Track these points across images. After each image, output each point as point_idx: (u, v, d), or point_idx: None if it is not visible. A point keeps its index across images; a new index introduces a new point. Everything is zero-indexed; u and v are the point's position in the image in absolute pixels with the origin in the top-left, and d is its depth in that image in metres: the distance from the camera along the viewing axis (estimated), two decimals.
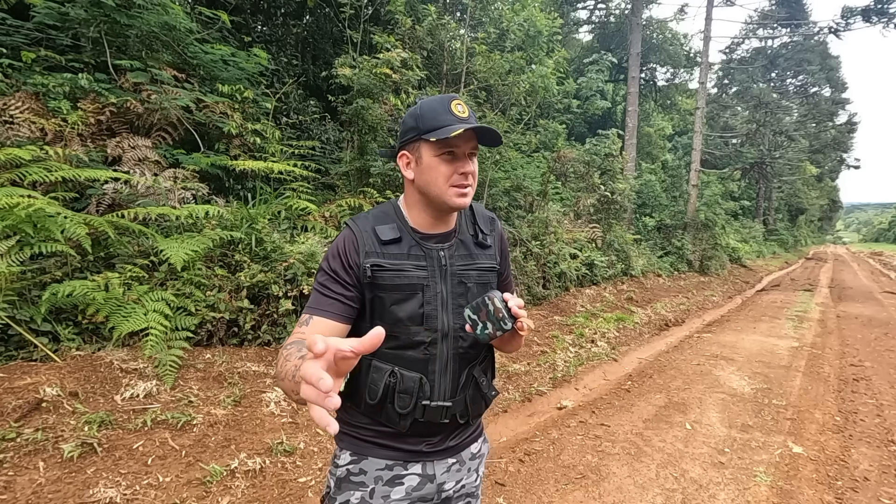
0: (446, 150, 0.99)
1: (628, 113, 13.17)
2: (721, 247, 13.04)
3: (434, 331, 1.03)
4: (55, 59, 3.80)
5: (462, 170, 1.00)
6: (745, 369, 4.61)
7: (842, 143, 26.54)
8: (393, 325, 1.01)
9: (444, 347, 1.04)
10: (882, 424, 3.39)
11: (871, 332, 6.47)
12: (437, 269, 1.05)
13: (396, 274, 1.02)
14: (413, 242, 1.05)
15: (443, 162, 0.99)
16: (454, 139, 0.97)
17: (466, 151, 1.01)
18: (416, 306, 1.02)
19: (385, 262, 1.02)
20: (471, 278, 1.08)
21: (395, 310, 1.02)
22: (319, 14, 6.96)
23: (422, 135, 0.99)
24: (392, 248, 1.03)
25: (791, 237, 29.61)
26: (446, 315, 1.04)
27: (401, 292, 1.02)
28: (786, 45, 22.23)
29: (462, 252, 1.10)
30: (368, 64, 5.27)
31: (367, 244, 1.03)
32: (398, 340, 1.02)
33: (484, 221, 1.17)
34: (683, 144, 19.98)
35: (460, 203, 1.02)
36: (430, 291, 1.03)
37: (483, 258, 1.12)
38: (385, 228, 1.05)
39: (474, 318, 0.94)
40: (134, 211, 3.11)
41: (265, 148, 4.72)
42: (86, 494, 1.87)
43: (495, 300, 0.91)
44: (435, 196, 1.02)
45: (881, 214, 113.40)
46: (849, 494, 2.49)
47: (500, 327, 0.91)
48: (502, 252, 1.19)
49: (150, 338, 2.62)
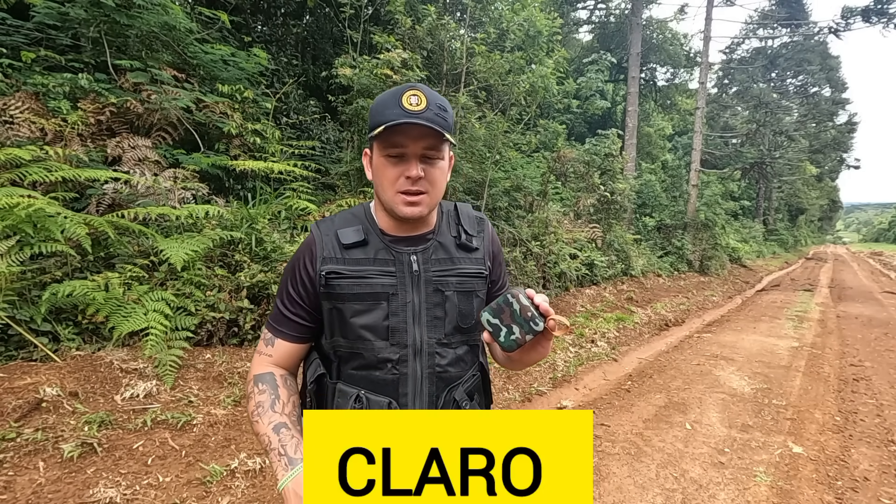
0: (391, 149, 0.87)
1: (628, 113, 13.17)
2: (721, 247, 13.03)
3: (403, 346, 0.91)
4: (55, 59, 3.80)
5: (407, 174, 0.87)
6: (745, 369, 4.61)
7: (842, 143, 26.53)
8: (355, 341, 0.91)
9: (417, 366, 0.92)
10: (882, 424, 3.39)
11: (871, 332, 6.47)
12: (407, 276, 0.93)
13: (356, 282, 0.91)
14: (381, 245, 0.94)
15: (388, 163, 0.88)
16: (397, 136, 0.85)
17: (418, 152, 0.87)
18: (379, 318, 0.91)
19: (343, 268, 0.91)
20: (449, 286, 0.95)
21: (355, 322, 0.90)
22: (319, 14, 6.96)
23: (369, 132, 0.90)
24: (355, 253, 0.93)
25: (791, 237, 29.61)
26: (418, 328, 0.92)
27: (361, 302, 0.91)
28: (786, 45, 22.22)
29: (440, 256, 0.97)
30: (369, 64, 5.27)
31: (325, 249, 0.93)
32: (363, 359, 0.91)
33: (469, 222, 1.03)
34: (683, 144, 19.98)
35: (408, 213, 0.89)
36: (397, 301, 0.91)
37: (467, 263, 0.98)
38: (349, 231, 0.94)
39: (496, 323, 0.80)
40: (134, 211, 3.11)
41: (265, 148, 4.72)
42: (86, 494, 1.87)
43: (520, 297, 0.78)
44: (385, 202, 0.91)
45: (881, 214, 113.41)
46: (849, 494, 2.49)
47: (531, 329, 0.78)
48: (494, 257, 1.05)
49: (150, 338, 2.62)
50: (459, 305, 0.96)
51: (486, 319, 0.81)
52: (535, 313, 0.78)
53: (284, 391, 0.94)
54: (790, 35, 20.98)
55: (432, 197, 0.91)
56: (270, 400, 0.92)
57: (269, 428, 0.88)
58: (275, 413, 0.90)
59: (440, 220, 1.01)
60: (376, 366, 0.91)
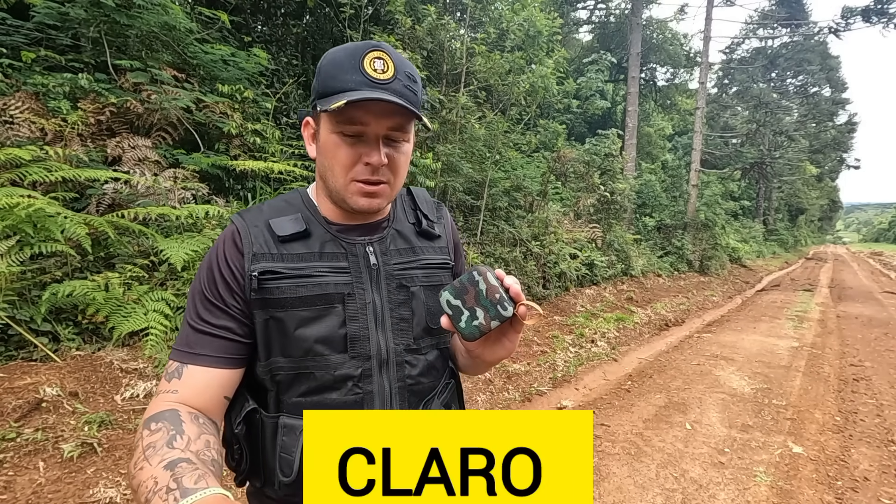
0: (346, 126, 0.69)
1: (628, 113, 13.17)
2: (721, 247, 13.04)
3: (365, 358, 0.74)
4: (55, 58, 3.80)
5: (367, 158, 0.70)
6: (745, 369, 4.61)
7: (842, 143, 26.54)
8: (302, 358, 0.72)
9: (384, 380, 0.75)
10: (882, 424, 3.39)
11: (871, 332, 6.47)
12: (364, 271, 0.76)
13: (299, 282, 0.72)
14: (328, 237, 0.76)
15: (342, 143, 0.70)
16: (357, 111, 0.67)
17: (381, 133, 0.70)
18: (334, 325, 0.72)
19: (281, 266, 0.72)
20: (415, 280, 0.80)
21: (302, 335, 0.71)
22: (319, 14, 6.96)
23: (317, 99, 0.71)
24: (295, 247, 0.74)
25: (791, 237, 29.61)
26: (382, 334, 0.75)
27: (309, 307, 0.72)
28: (786, 45, 22.23)
29: (400, 245, 0.81)
30: None
31: (255, 244, 0.73)
32: (314, 380, 0.72)
33: (428, 207, 0.89)
34: (683, 144, 19.98)
35: (364, 206, 0.73)
36: (354, 303, 0.74)
37: (430, 252, 0.84)
38: (284, 221, 0.75)
39: (457, 305, 0.67)
40: (134, 211, 3.11)
41: (265, 148, 4.72)
42: (86, 494, 1.87)
43: (488, 276, 0.66)
44: (333, 189, 0.74)
45: (881, 214, 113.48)
46: (849, 494, 2.49)
47: (497, 314, 0.66)
48: (455, 247, 0.91)
49: (150, 338, 2.62)
50: (427, 303, 0.80)
51: (445, 300, 0.68)
52: (504, 295, 0.66)
53: (193, 427, 0.63)
54: (790, 35, 20.99)
55: (393, 188, 0.76)
56: (167, 437, 0.60)
57: (157, 468, 0.56)
58: (172, 450, 0.59)
59: (394, 205, 0.86)
60: (332, 386, 0.72)
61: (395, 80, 0.69)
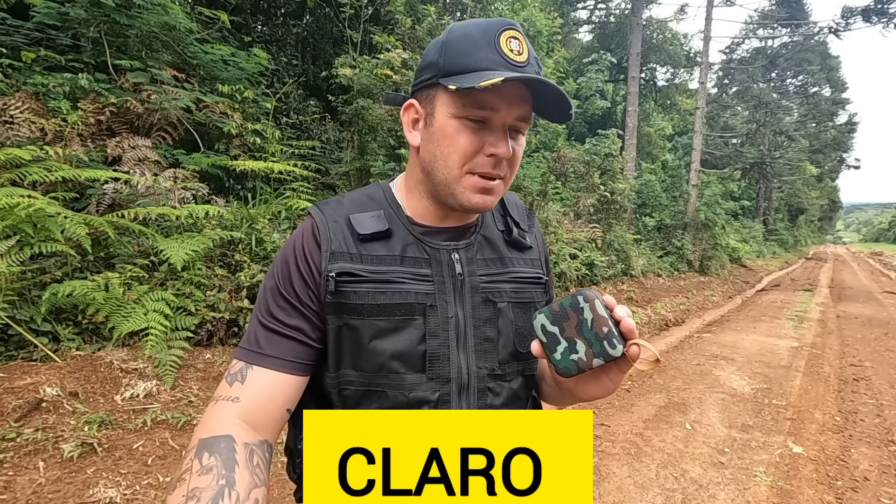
0: (473, 111, 0.61)
1: (628, 113, 13.17)
2: (721, 247, 13.04)
3: (445, 381, 0.65)
4: (55, 59, 3.80)
5: (493, 149, 0.62)
6: (745, 369, 4.61)
7: (842, 143, 26.54)
8: (375, 374, 0.64)
9: (463, 408, 0.66)
10: (882, 424, 3.39)
11: (872, 332, 6.47)
12: (448, 281, 0.67)
13: (379, 287, 0.64)
14: (410, 239, 0.68)
15: (464, 129, 0.62)
16: (488, 94, 0.60)
17: (509, 121, 0.63)
18: (412, 340, 0.64)
19: (360, 268, 0.64)
20: (503, 295, 0.70)
21: (377, 348, 0.64)
22: (319, 14, 6.96)
23: (440, 77, 0.62)
24: (375, 247, 0.66)
25: (791, 237, 29.62)
26: (464, 354, 0.66)
27: (387, 317, 0.64)
28: (786, 45, 22.23)
29: (488, 255, 0.72)
30: (369, 64, 5.28)
31: (334, 241, 0.66)
32: (385, 400, 0.65)
33: (519, 213, 0.79)
34: (683, 144, 19.98)
35: (476, 203, 0.65)
36: (436, 316, 0.65)
37: (521, 264, 0.74)
38: (365, 218, 0.68)
39: (553, 332, 0.58)
40: (134, 211, 3.11)
41: (265, 148, 4.72)
42: (86, 494, 1.87)
43: (596, 303, 0.56)
44: (441, 182, 0.65)
45: (881, 214, 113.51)
46: (849, 494, 2.49)
47: (603, 351, 0.55)
48: (545, 262, 0.81)
49: (150, 338, 2.62)
50: (516, 322, 0.71)
51: (540, 324, 0.59)
52: (613, 330, 0.55)
53: (245, 474, 0.55)
54: (790, 35, 21.00)
55: (507, 184, 0.68)
56: (215, 491, 0.52)
57: None
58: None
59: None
60: (406, 409, 0.65)
61: (529, 64, 0.62)
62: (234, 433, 0.59)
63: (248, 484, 0.55)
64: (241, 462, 0.56)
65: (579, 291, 0.58)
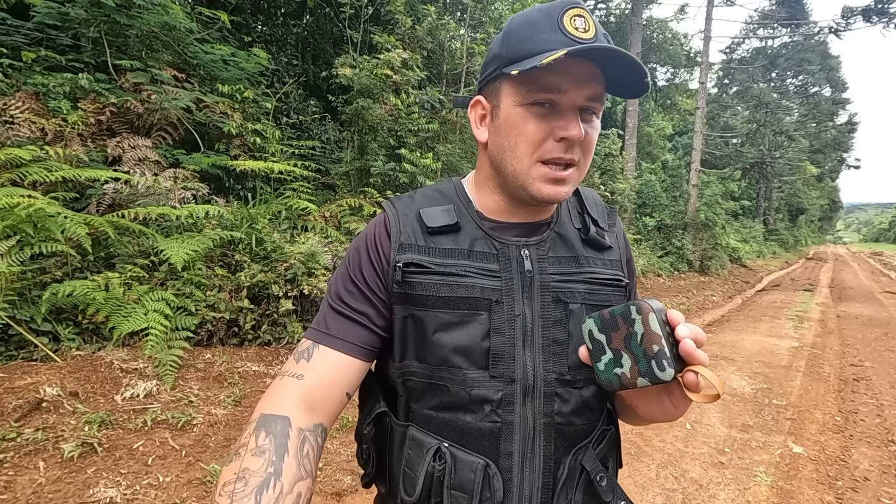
0: (539, 95, 0.59)
1: (628, 113, 13.17)
2: (721, 247, 13.04)
3: (508, 381, 0.62)
4: (55, 59, 3.80)
5: (563, 132, 0.59)
6: (745, 369, 4.61)
7: (842, 142, 26.54)
8: (437, 367, 0.63)
9: (528, 412, 0.62)
10: (882, 424, 3.38)
11: (872, 332, 6.47)
12: (516, 277, 0.65)
13: (444, 280, 0.63)
14: (479, 234, 0.67)
15: (530, 116, 0.60)
16: (553, 76, 0.57)
17: (579, 101, 0.59)
18: (476, 336, 0.62)
19: (427, 259, 0.64)
20: (576, 296, 0.66)
21: (440, 340, 0.62)
22: (319, 14, 6.96)
23: (503, 66, 0.61)
24: (443, 241, 0.66)
25: (791, 237, 29.61)
26: (530, 354, 0.63)
27: (452, 310, 0.63)
28: (786, 44, 22.22)
29: (561, 253, 0.69)
30: (369, 64, 5.28)
31: (403, 233, 0.66)
32: (448, 395, 0.62)
33: (598, 210, 0.76)
34: (683, 144, 19.98)
35: (548, 194, 0.62)
36: (502, 313, 0.63)
37: (598, 264, 0.70)
38: (435, 211, 0.68)
39: (600, 341, 0.55)
40: (134, 211, 3.11)
41: (265, 148, 4.72)
42: (86, 494, 1.87)
43: (650, 318, 0.50)
44: (511, 174, 0.63)
45: (881, 214, 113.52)
46: (849, 494, 2.49)
47: (650, 371, 0.50)
48: (627, 264, 0.76)
49: (150, 338, 2.62)
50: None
51: (588, 329, 0.56)
52: (665, 350, 0.48)
53: (293, 465, 0.56)
54: (790, 35, 20.99)
55: (581, 172, 0.65)
56: (262, 478, 0.53)
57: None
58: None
59: (560, 204, 0.73)
60: (467, 407, 0.62)
61: (597, 40, 0.58)
62: (293, 415, 0.60)
63: (294, 476, 0.55)
64: (292, 450, 0.57)
65: (636, 300, 0.52)
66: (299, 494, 0.55)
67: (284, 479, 0.54)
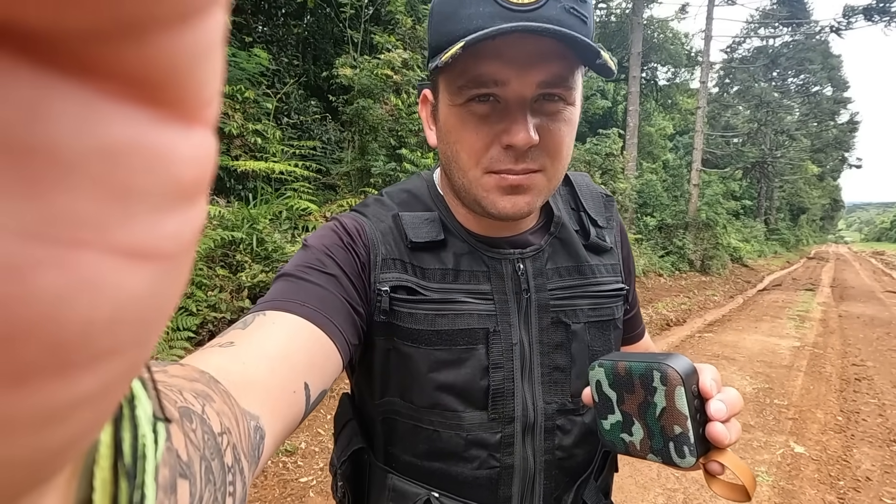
0: (473, 90, 0.46)
1: (629, 112, 13.16)
2: (722, 246, 13.02)
3: (508, 420, 0.53)
4: None
5: (507, 137, 0.46)
6: (746, 369, 4.60)
7: (843, 142, 26.51)
8: (428, 410, 0.53)
9: (528, 452, 0.54)
10: (884, 424, 3.38)
11: (874, 332, 6.45)
12: (511, 298, 0.54)
13: (440, 308, 0.52)
14: (465, 248, 0.55)
15: (468, 118, 0.48)
16: (487, 63, 0.44)
17: (529, 92, 0.46)
18: (475, 374, 0.52)
19: (417, 283, 0.52)
20: (578, 314, 0.56)
21: (434, 381, 0.52)
22: (320, 14, 6.96)
23: (431, 57, 0.50)
24: (426, 259, 0.54)
25: (793, 236, 29.56)
26: (529, 387, 0.54)
27: (448, 346, 0.52)
28: (787, 44, 22.19)
29: (562, 263, 0.57)
30: (369, 64, 5.28)
31: (384, 245, 0.53)
32: (439, 441, 0.53)
33: (594, 203, 0.63)
34: (685, 144, 19.97)
35: (504, 209, 0.50)
36: (500, 343, 0.53)
37: (602, 273, 0.59)
38: (418, 220, 0.55)
39: (609, 399, 0.45)
40: None
41: (266, 148, 4.73)
42: None
43: (677, 393, 0.39)
44: (461, 189, 0.53)
45: (883, 214, 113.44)
46: (851, 494, 2.48)
47: (666, 454, 0.41)
48: (625, 261, 0.65)
49: None
50: (592, 346, 0.57)
51: (596, 380, 0.46)
52: (689, 434, 0.39)
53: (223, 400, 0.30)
54: (791, 34, 20.96)
55: (552, 178, 0.51)
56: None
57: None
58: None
59: (555, 201, 0.62)
60: (461, 454, 0.53)
61: (545, 4, 0.43)
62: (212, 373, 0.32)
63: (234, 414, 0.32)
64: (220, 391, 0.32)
65: (662, 361, 0.40)
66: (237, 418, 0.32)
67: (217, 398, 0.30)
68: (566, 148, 0.51)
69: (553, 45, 0.44)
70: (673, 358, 0.40)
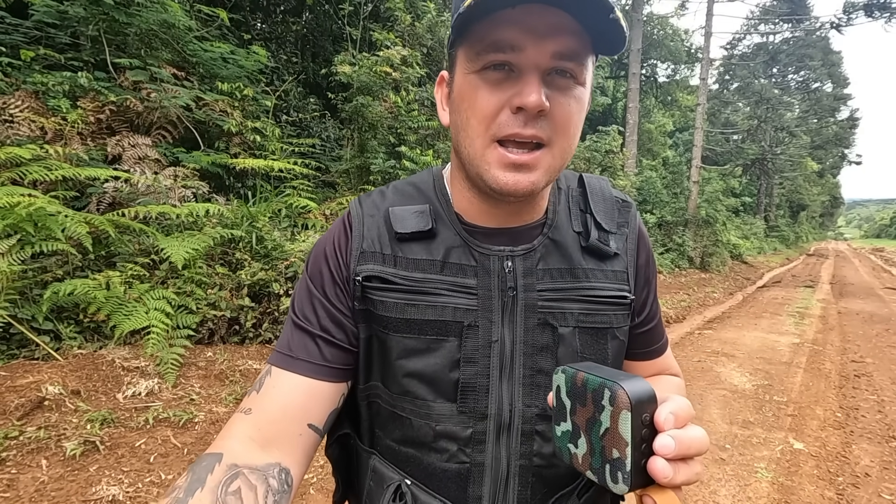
0: (489, 56, 0.47)
1: (629, 109, 13.13)
2: (722, 243, 13.03)
3: (479, 416, 0.54)
4: (54, 57, 3.79)
5: (518, 99, 0.46)
6: (746, 366, 4.61)
7: (843, 138, 26.49)
8: (400, 397, 0.55)
9: (502, 452, 0.54)
10: (883, 420, 3.39)
11: (873, 329, 6.46)
12: (496, 295, 0.55)
13: (410, 299, 0.54)
14: (457, 241, 0.56)
15: (482, 84, 0.48)
16: (507, 30, 0.45)
17: (544, 62, 0.46)
18: (443, 365, 0.54)
19: (392, 272, 0.55)
20: (567, 318, 0.56)
21: (403, 368, 0.54)
22: (319, 11, 6.94)
23: (452, 26, 0.50)
24: (414, 249, 0.56)
25: (792, 233, 29.58)
26: (508, 387, 0.54)
27: (417, 335, 0.54)
28: (787, 40, 22.16)
29: (553, 264, 0.57)
30: (368, 61, 5.27)
31: (367, 238, 0.57)
32: (410, 428, 0.55)
33: (606, 208, 0.61)
34: (684, 141, 19.94)
35: (508, 185, 0.49)
36: (476, 338, 0.54)
37: (598, 278, 0.58)
38: (407, 213, 0.57)
39: (564, 407, 0.44)
40: (134, 209, 3.11)
41: (265, 146, 4.72)
42: (88, 492, 1.88)
43: (622, 417, 0.38)
44: (467, 160, 0.52)
45: (882, 210, 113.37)
46: (850, 490, 2.49)
47: (601, 474, 0.40)
48: (640, 270, 0.63)
49: (151, 336, 2.62)
50: (582, 353, 0.56)
51: (557, 385, 0.44)
52: (626, 460, 0.37)
53: (204, 499, 0.44)
54: (791, 30, 20.92)
55: (556, 155, 0.50)
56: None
57: None
58: None
59: (556, 200, 0.61)
60: (430, 445, 0.54)
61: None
62: (230, 451, 0.49)
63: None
64: (210, 484, 0.45)
65: (618, 380, 0.39)
66: None
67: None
68: (574, 126, 0.51)
69: (570, 21, 0.45)
70: (631, 381, 0.38)
